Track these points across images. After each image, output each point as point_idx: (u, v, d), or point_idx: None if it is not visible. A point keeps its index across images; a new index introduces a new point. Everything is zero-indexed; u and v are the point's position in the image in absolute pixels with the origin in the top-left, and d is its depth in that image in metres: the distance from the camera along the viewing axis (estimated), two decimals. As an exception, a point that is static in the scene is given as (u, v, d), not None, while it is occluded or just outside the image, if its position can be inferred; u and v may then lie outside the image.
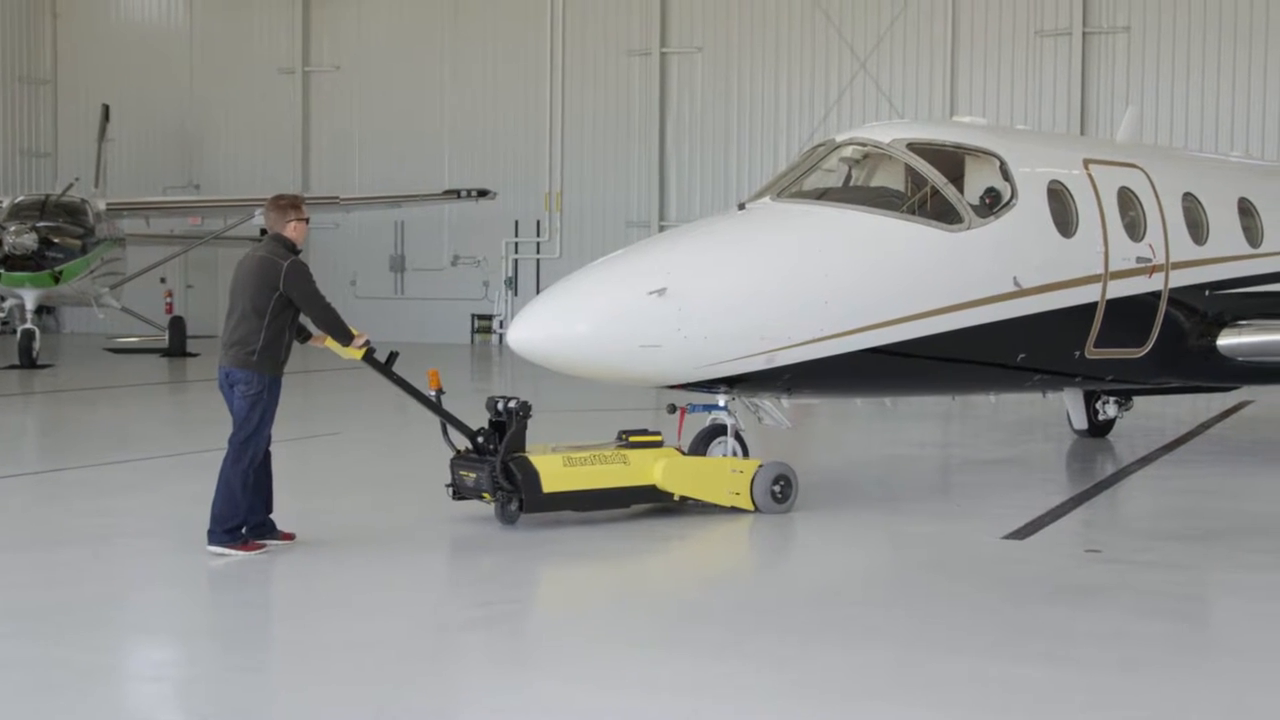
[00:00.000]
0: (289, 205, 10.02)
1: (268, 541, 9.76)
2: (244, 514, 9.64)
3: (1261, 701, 6.69)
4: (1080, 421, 16.66)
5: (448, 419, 10.88)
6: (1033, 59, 32.08)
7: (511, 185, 35.88)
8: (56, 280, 28.56)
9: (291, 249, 9.81)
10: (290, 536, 9.92)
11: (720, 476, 11.34)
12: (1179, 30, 30.86)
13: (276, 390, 9.77)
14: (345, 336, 9.89)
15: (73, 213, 29.43)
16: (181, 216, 35.97)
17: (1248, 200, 15.24)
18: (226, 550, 9.54)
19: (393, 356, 10.45)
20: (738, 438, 11.62)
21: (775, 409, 12.20)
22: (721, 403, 11.55)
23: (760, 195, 12.47)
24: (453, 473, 10.99)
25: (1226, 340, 14.31)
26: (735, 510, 11.29)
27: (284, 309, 9.66)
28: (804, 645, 7.56)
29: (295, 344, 10.02)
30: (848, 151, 12.83)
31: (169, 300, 37.22)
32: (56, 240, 28.45)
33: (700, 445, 11.64)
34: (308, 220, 10.13)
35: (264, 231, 10.28)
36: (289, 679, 6.98)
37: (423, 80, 38.14)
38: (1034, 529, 10.94)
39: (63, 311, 40.72)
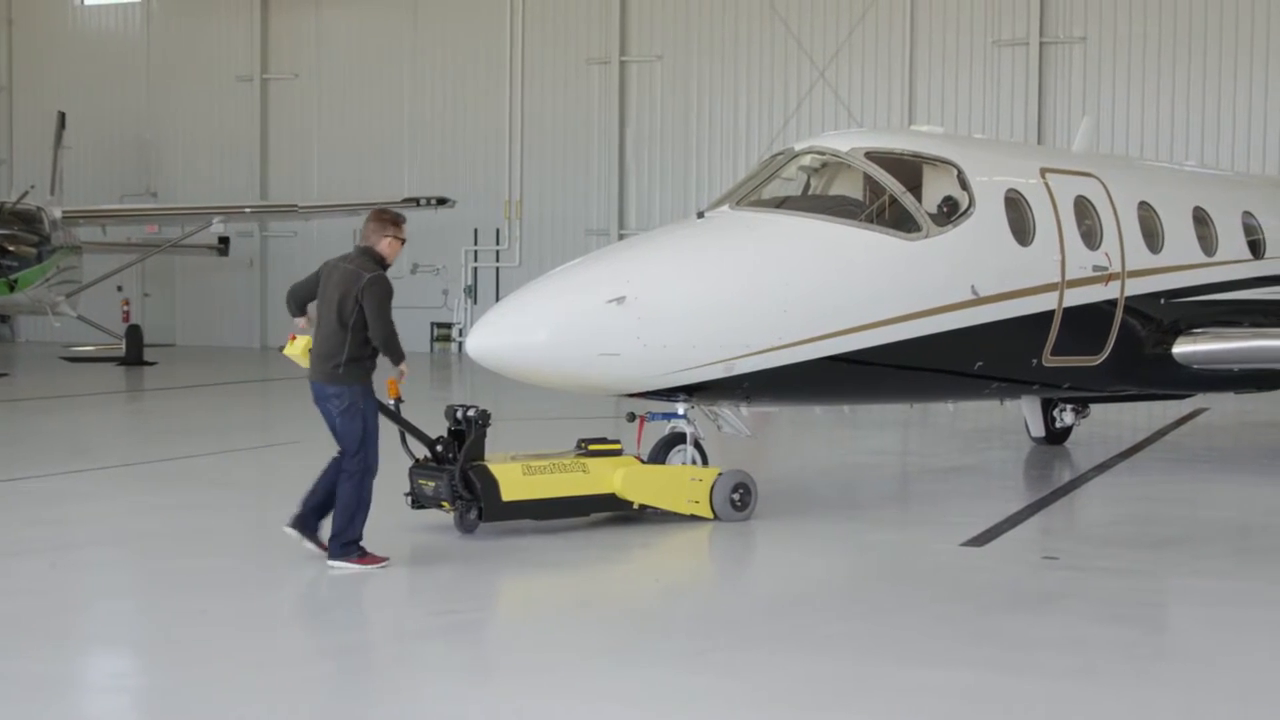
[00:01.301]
0: (390, 221, 9.88)
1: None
2: (361, 529, 9.56)
3: (1217, 705, 6.75)
4: (1038, 429, 16.75)
5: (407, 427, 10.84)
6: (990, 68, 32.25)
7: (471, 193, 35.80)
8: (12, 288, 28.39)
9: (380, 263, 9.73)
10: (325, 547, 9.71)
11: (680, 485, 11.34)
12: (1135, 40, 31.08)
13: (371, 398, 9.71)
14: (398, 357, 9.74)
15: (28, 220, 29.21)
16: (139, 224, 35.76)
17: (1202, 209, 15.36)
18: (346, 564, 9.45)
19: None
20: (697, 446, 11.63)
21: (734, 417, 12.21)
22: (681, 411, 11.55)
23: (719, 204, 12.50)
24: (412, 481, 10.96)
25: (1182, 348, 14.44)
26: (695, 518, 11.29)
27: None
28: (763, 654, 7.57)
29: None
30: (806, 160, 12.89)
31: (126, 309, 36.95)
32: (11, 248, 28.25)
33: (659, 453, 11.64)
34: (403, 241, 9.94)
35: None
36: (247, 690, 6.93)
37: (382, 88, 38.01)
38: (992, 536, 10.98)
39: (18, 320, 40.36)
